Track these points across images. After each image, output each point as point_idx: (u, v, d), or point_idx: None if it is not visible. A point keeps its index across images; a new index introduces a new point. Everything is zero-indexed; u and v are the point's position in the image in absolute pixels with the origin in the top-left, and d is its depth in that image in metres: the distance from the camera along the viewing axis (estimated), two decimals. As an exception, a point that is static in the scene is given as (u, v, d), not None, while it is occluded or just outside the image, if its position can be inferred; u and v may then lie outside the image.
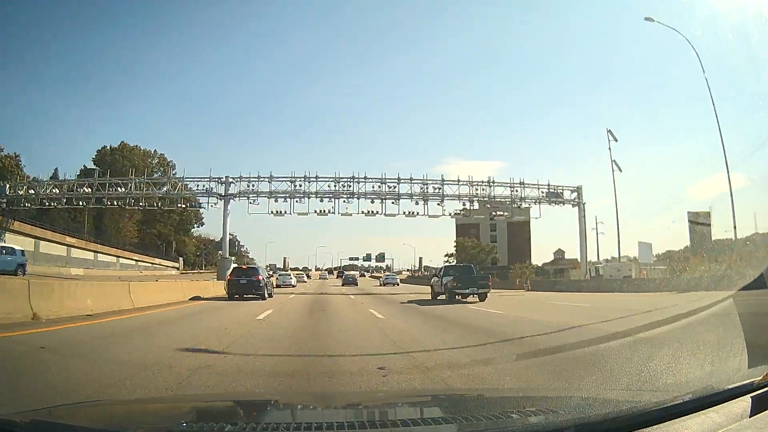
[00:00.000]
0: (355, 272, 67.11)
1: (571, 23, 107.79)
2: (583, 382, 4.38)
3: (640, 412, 1.74)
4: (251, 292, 19.98)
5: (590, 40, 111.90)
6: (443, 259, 77.65)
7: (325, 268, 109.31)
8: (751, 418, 1.67)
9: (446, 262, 69.77)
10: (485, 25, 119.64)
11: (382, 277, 61.26)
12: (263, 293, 20.19)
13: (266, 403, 2.75)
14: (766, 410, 1.69)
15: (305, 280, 60.59)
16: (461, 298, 19.08)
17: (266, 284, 21.37)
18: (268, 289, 21.61)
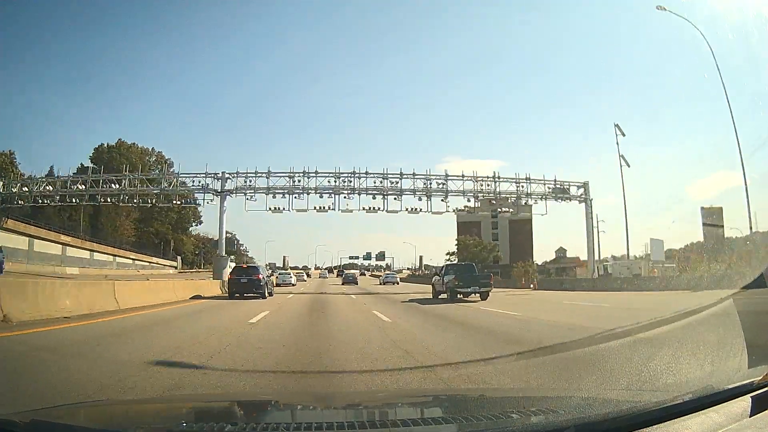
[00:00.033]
0: (355, 271, 67.20)
1: (571, 23, 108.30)
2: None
3: (640, 412, 1.75)
4: (252, 290, 20.27)
5: (590, 40, 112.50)
6: (444, 257, 77.87)
7: (324, 266, 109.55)
8: (751, 418, 1.68)
9: (448, 260, 69.92)
10: (485, 25, 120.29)
11: (381, 276, 61.25)
12: (263, 292, 20.44)
13: (266, 403, 2.77)
14: (766, 410, 1.70)
15: (305, 278, 60.78)
16: (463, 297, 19.14)
17: (266, 283, 21.61)
18: (268, 288, 21.87)
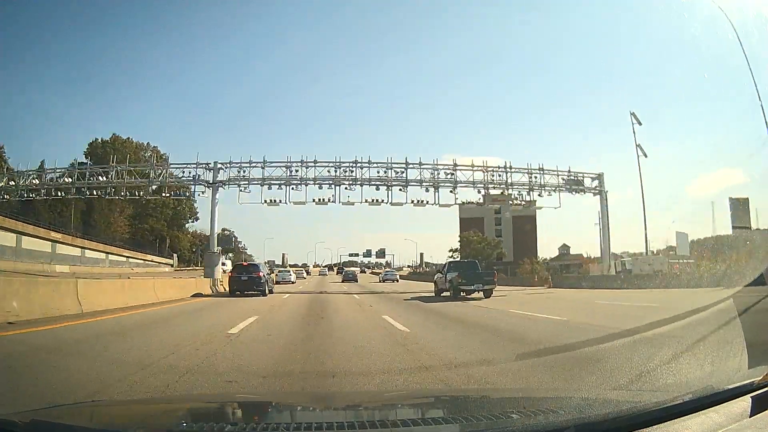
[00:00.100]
0: (355, 269, 68.10)
1: (571, 23, 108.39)
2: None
3: (640, 412, 1.78)
4: (252, 288, 20.87)
5: (590, 40, 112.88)
6: (447, 254, 77.97)
7: (324, 264, 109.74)
8: (751, 418, 1.71)
9: (450, 257, 70.01)
10: (485, 25, 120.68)
11: (381, 273, 61.96)
12: (264, 289, 21.03)
13: (266, 403, 2.80)
14: (766, 410, 1.73)
15: (304, 276, 61.21)
16: (465, 294, 19.26)
17: (266, 281, 22.10)
18: (268, 285, 22.40)
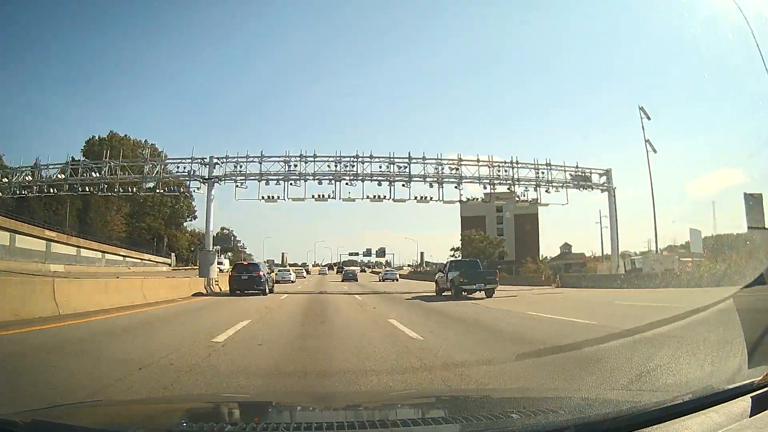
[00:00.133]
0: (355, 268, 68.90)
1: (571, 23, 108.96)
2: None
3: (640, 412, 1.80)
4: (252, 287, 21.27)
5: (590, 40, 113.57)
6: (449, 253, 78.29)
7: (324, 263, 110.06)
8: (751, 418, 1.73)
9: (452, 256, 70.30)
10: (485, 25, 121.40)
11: (381, 272, 62.54)
12: (264, 289, 21.43)
13: (266, 403, 2.82)
14: (766, 410, 1.75)
15: (304, 275, 61.64)
16: (467, 294, 19.45)
17: (267, 280, 22.50)
18: (268, 284, 22.79)
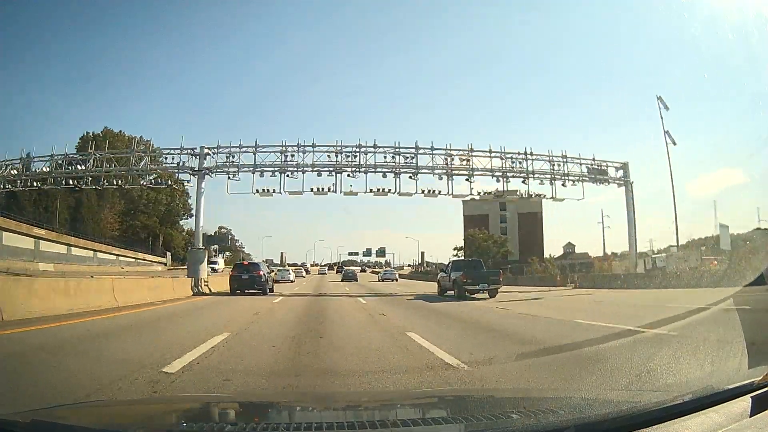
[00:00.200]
0: (355, 268, 69.79)
1: (571, 23, 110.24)
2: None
3: (640, 412, 1.83)
4: (252, 287, 21.69)
5: (590, 40, 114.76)
6: (452, 252, 78.42)
7: (323, 263, 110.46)
8: (751, 418, 1.76)
9: (455, 255, 70.36)
10: (485, 25, 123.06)
11: (381, 272, 63.43)
12: (264, 288, 21.87)
13: (266, 403, 2.86)
14: (766, 410, 1.78)
15: (304, 275, 62.18)
16: (469, 294, 19.54)
17: (267, 279, 22.92)
18: (269, 284, 23.22)
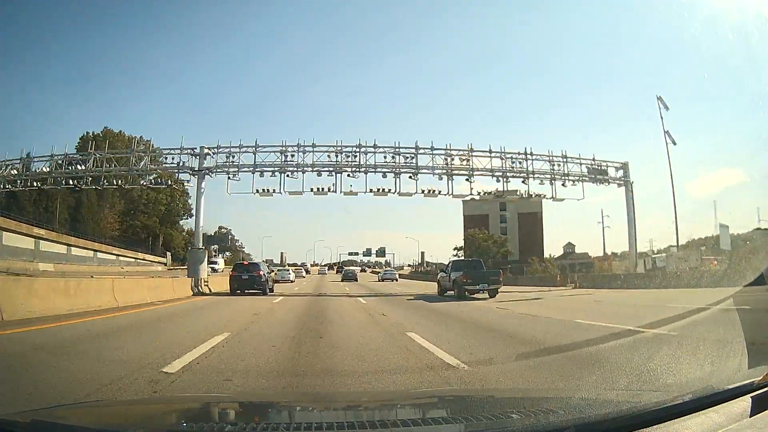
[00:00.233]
0: (355, 268, 70.32)
1: (571, 23, 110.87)
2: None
3: (640, 412, 1.84)
4: (253, 287, 21.94)
5: (590, 40, 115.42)
6: (452, 252, 78.66)
7: (323, 263, 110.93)
8: (751, 418, 1.77)
9: (455, 255, 70.59)
10: (485, 25, 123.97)
11: (381, 272, 64.09)
12: (264, 288, 22.11)
13: (266, 403, 2.87)
14: (766, 410, 1.79)
15: (303, 275, 62.42)
16: (469, 294, 19.71)
17: (267, 279, 23.12)
18: (269, 284, 23.45)
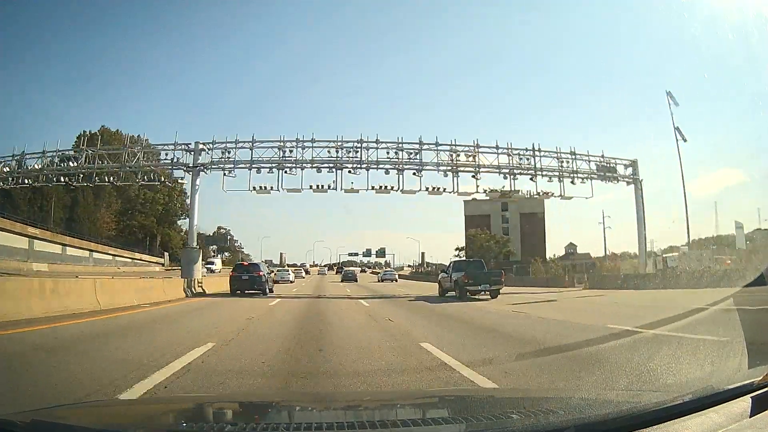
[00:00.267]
0: (355, 268, 70.71)
1: (571, 23, 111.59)
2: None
3: (640, 412, 1.86)
4: (253, 287, 22.12)
5: (590, 40, 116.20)
6: (453, 252, 78.84)
7: (323, 263, 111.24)
8: (751, 418, 1.78)
9: (456, 255, 70.79)
10: (485, 25, 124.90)
11: (380, 273, 64.71)
12: (264, 289, 22.34)
13: (266, 403, 2.88)
14: (766, 410, 1.80)
15: (303, 275, 62.66)
16: (470, 295, 19.75)
17: (267, 280, 23.29)
18: (269, 284, 23.61)
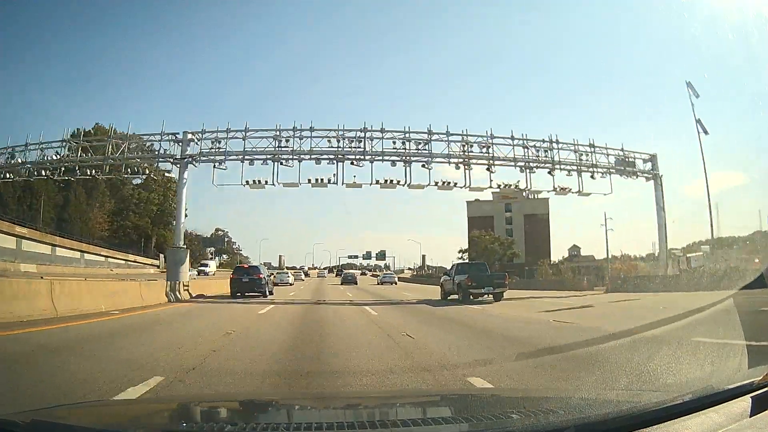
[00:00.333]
0: (355, 271, 71.02)
1: (571, 23, 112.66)
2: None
3: (640, 412, 1.90)
4: (253, 290, 22.36)
5: (590, 40, 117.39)
6: (455, 255, 78.94)
7: (323, 266, 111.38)
8: (751, 418, 1.82)
9: (459, 257, 70.99)
10: (485, 25, 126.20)
11: (380, 276, 65.62)
12: (264, 291, 22.57)
13: (266, 403, 2.93)
14: (766, 410, 1.83)
15: (303, 278, 62.94)
16: (473, 298, 19.72)
17: (267, 282, 23.49)
18: (269, 286, 23.81)
